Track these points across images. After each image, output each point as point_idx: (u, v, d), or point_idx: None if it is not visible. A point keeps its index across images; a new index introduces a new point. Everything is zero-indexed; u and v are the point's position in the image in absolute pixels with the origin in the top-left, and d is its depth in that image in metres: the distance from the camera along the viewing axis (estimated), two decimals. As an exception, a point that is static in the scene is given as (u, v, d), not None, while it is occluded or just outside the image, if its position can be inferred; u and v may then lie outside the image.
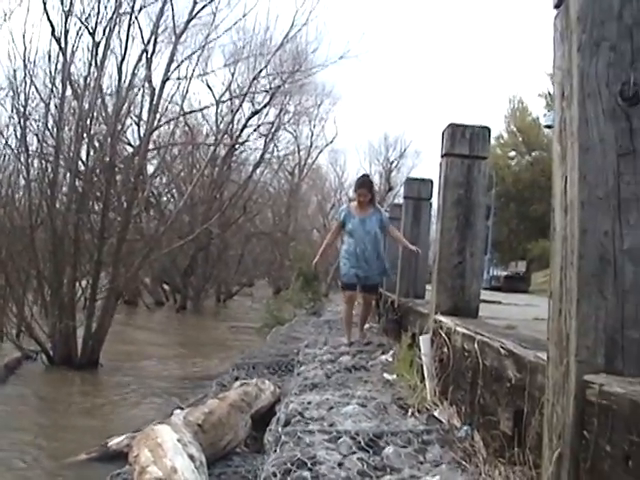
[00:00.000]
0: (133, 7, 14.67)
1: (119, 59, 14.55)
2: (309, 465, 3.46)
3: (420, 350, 5.53)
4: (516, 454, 3.05)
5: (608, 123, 2.19)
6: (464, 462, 3.54)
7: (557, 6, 2.39)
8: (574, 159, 2.22)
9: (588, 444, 2.06)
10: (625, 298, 2.16)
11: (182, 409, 5.90)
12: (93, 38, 13.83)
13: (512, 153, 52.21)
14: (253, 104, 29.70)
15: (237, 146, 30.83)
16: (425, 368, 5.27)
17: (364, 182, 8.91)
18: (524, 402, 3.01)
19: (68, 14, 13.44)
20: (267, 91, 28.59)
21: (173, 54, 16.28)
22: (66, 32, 13.47)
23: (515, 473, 3.01)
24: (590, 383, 2.09)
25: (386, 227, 8.75)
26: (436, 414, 4.55)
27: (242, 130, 30.12)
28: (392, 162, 57.33)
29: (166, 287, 31.83)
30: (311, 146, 47.26)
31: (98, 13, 13.80)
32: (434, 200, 8.74)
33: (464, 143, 5.49)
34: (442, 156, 5.68)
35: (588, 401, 2.08)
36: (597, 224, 2.17)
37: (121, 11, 14.22)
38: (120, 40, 14.47)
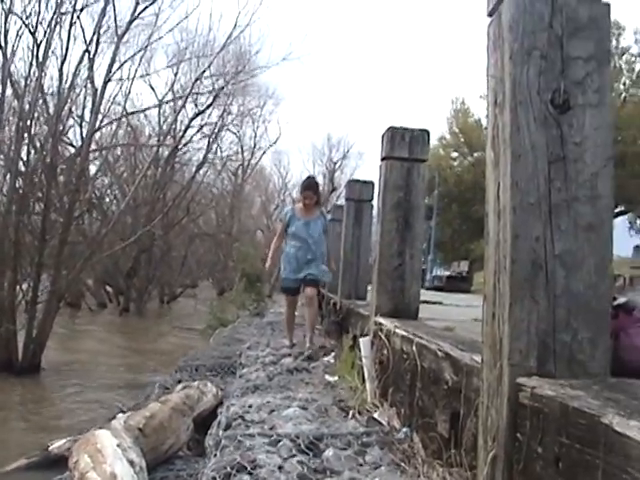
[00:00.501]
0: (75, 7, 14.57)
1: (60, 59, 14.41)
2: (249, 469, 3.45)
3: (361, 352, 5.56)
4: (453, 455, 3.08)
5: (539, 130, 2.23)
6: (403, 464, 3.56)
7: (490, 14, 2.43)
8: (506, 165, 2.26)
9: (521, 446, 2.09)
10: (556, 302, 2.20)
11: (124, 413, 5.84)
12: (34, 37, 13.66)
13: (455, 154, 52.63)
14: (196, 105, 29.67)
15: (180, 147, 30.64)
16: (365, 370, 5.29)
17: (310, 184, 8.77)
18: (460, 404, 3.04)
19: (8, 13, 13.27)
20: (210, 92, 28.58)
21: (115, 54, 16.18)
22: (6, 31, 13.30)
23: (452, 475, 3.05)
24: (522, 386, 2.12)
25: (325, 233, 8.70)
26: (376, 416, 4.57)
27: (185, 131, 30.03)
28: (335, 163, 57.93)
29: (109, 289, 31.48)
30: (254, 147, 47.54)
31: (39, 12, 13.65)
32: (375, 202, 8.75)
33: (403, 146, 5.52)
34: (382, 159, 5.70)
35: (521, 404, 2.11)
36: (529, 229, 2.21)
37: (62, 10, 14.09)
38: (61, 40, 14.37)
